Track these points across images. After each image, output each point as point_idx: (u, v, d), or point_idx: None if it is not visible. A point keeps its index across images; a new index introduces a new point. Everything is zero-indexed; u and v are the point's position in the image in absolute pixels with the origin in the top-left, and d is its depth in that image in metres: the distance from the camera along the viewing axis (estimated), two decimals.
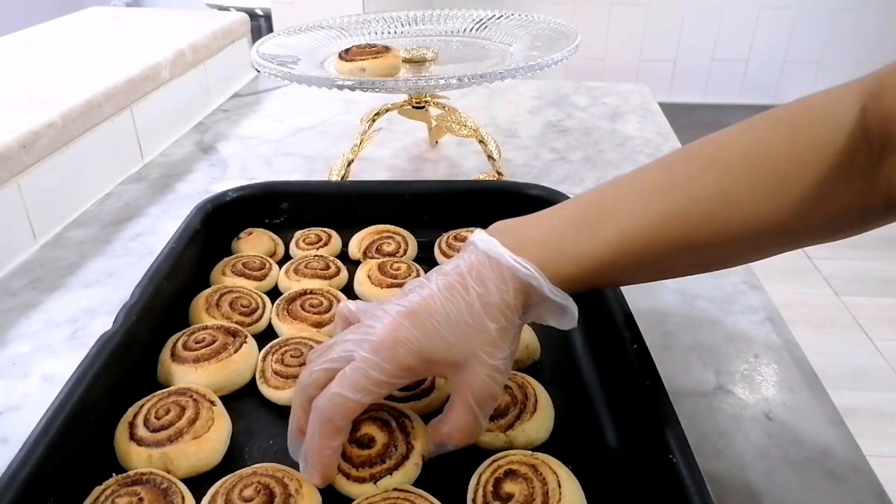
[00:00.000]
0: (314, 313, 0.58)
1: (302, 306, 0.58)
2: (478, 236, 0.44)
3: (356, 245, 0.69)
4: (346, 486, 0.43)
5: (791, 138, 0.41)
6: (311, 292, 0.60)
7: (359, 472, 0.43)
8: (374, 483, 0.43)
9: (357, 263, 0.67)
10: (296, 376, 0.50)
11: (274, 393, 0.51)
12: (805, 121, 0.41)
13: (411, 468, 0.43)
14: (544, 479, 0.41)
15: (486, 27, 0.93)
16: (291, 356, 0.52)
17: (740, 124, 0.44)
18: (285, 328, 0.57)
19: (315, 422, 0.40)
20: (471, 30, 0.94)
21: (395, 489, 0.42)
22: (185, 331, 0.55)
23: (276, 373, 0.51)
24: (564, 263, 0.43)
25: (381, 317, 0.41)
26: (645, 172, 0.46)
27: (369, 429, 0.45)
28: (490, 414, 0.43)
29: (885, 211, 0.40)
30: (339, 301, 0.60)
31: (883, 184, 0.38)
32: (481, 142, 0.88)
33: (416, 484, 0.43)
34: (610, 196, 0.45)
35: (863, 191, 0.39)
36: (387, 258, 0.66)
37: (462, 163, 0.97)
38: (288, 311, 0.58)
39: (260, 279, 0.64)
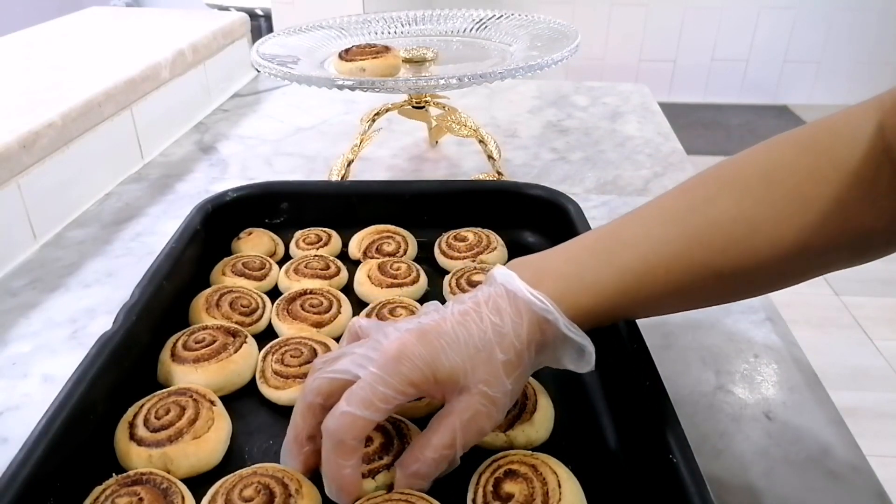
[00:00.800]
0: (314, 313, 0.58)
1: (302, 306, 0.58)
2: (497, 270, 0.44)
3: (356, 245, 0.69)
4: None
5: (810, 157, 0.40)
6: (311, 292, 0.60)
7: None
8: (373, 478, 0.43)
9: (357, 263, 0.67)
10: (296, 376, 0.51)
11: (274, 393, 0.51)
12: (824, 139, 0.41)
13: None
14: (544, 479, 0.41)
15: (486, 27, 0.93)
16: (291, 356, 0.52)
17: (758, 146, 0.43)
18: (285, 328, 0.57)
19: (328, 445, 0.40)
20: (471, 30, 0.94)
21: (397, 490, 0.42)
22: (185, 331, 0.55)
23: (276, 373, 0.51)
24: (583, 294, 0.42)
25: (390, 333, 0.41)
26: (663, 199, 0.45)
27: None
28: (469, 447, 0.42)
29: None
30: (339, 301, 0.60)
31: None
32: (481, 142, 0.88)
33: None
34: (628, 224, 0.45)
35: (889, 209, 0.38)
36: (387, 258, 0.66)
37: (462, 163, 0.97)
38: (288, 311, 0.58)
39: (260, 279, 0.64)
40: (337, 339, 0.57)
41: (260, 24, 2.19)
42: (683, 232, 0.42)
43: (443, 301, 0.61)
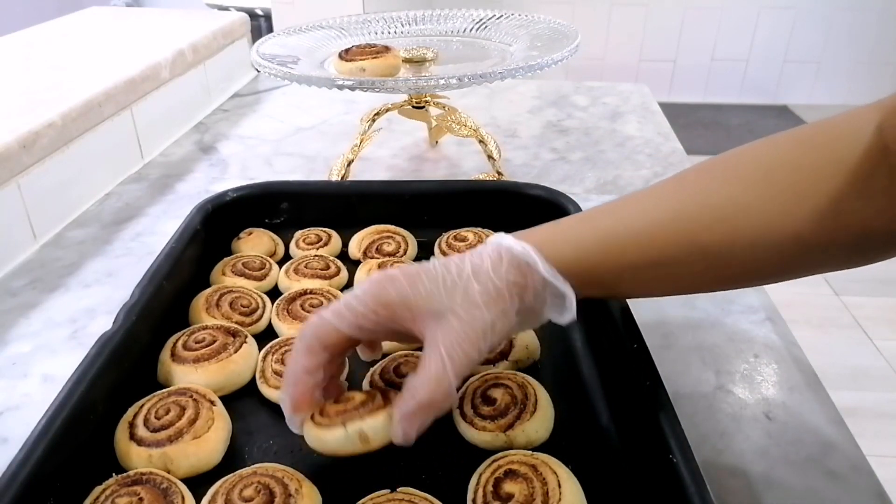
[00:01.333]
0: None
1: (302, 306, 0.58)
2: (491, 236, 0.45)
3: (356, 245, 0.69)
4: (316, 432, 0.42)
5: (807, 153, 0.41)
6: (311, 292, 0.60)
7: (332, 420, 0.42)
8: (344, 426, 0.41)
9: (357, 263, 0.67)
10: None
11: (274, 393, 0.51)
12: (823, 137, 0.41)
13: (383, 417, 0.41)
14: (544, 479, 0.41)
15: (486, 27, 0.93)
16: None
17: (757, 141, 0.44)
18: (285, 328, 0.57)
19: (296, 346, 0.43)
20: (471, 30, 0.94)
21: (399, 489, 0.42)
22: (185, 331, 0.55)
23: (275, 373, 0.51)
24: (566, 248, 0.43)
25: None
26: (658, 184, 0.46)
27: (353, 392, 0.44)
28: (463, 375, 0.41)
29: None
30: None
31: None
32: (481, 142, 0.88)
33: (417, 485, 0.43)
34: (620, 201, 0.46)
35: (884, 208, 0.38)
36: (387, 258, 0.66)
37: (462, 163, 0.97)
38: (288, 311, 0.58)
39: (260, 279, 0.64)
40: None
41: (260, 24, 2.19)
42: (671, 206, 0.43)
43: None
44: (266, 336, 0.58)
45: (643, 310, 0.61)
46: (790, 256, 0.42)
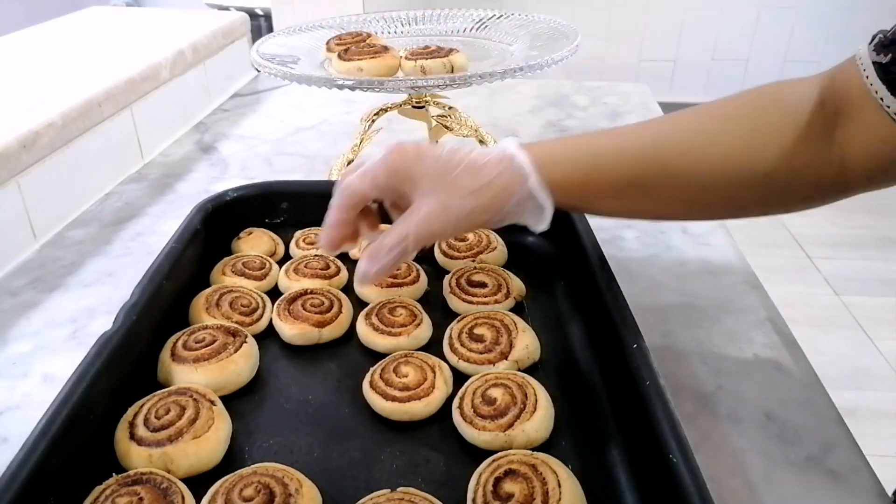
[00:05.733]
0: (315, 312, 0.58)
1: (303, 306, 0.58)
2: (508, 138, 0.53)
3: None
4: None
5: (765, 102, 0.51)
6: (311, 292, 0.60)
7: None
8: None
9: (357, 263, 0.67)
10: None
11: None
12: (777, 92, 0.51)
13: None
14: (544, 478, 0.41)
15: (486, 27, 0.93)
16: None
17: (723, 97, 0.52)
18: (287, 328, 0.57)
19: (335, 197, 0.53)
20: (471, 30, 0.94)
21: (399, 489, 0.42)
22: (185, 330, 0.55)
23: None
24: (562, 161, 0.51)
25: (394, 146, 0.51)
26: (648, 119, 0.55)
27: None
28: (423, 243, 0.50)
29: (840, 173, 0.48)
30: (339, 300, 0.60)
31: (836, 149, 0.47)
32: (481, 142, 0.88)
33: (417, 485, 0.43)
34: (614, 129, 0.55)
35: (820, 151, 0.48)
36: None
37: None
38: (289, 311, 0.58)
39: (260, 279, 0.64)
40: (339, 337, 0.58)
41: (260, 24, 2.19)
42: (652, 134, 0.52)
43: (443, 303, 0.61)
44: (266, 336, 0.58)
45: (643, 309, 0.61)
46: (753, 189, 0.50)
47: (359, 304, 0.62)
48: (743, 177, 0.49)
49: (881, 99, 0.44)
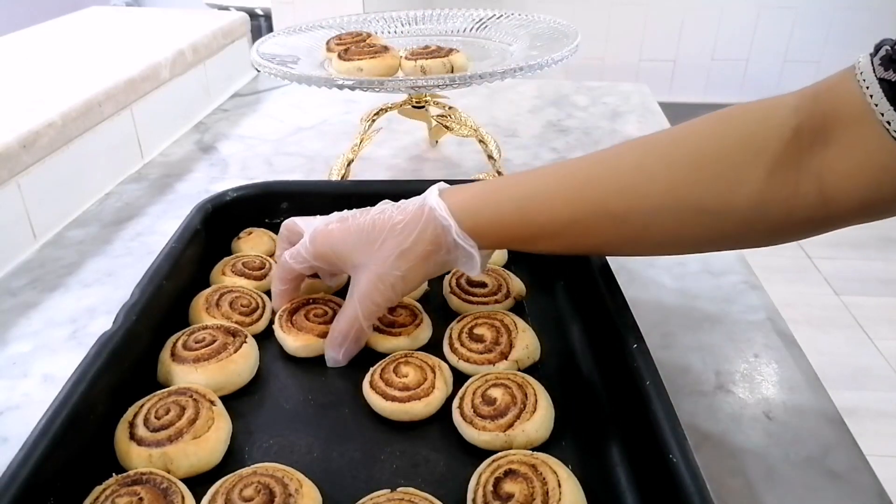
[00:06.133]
0: (319, 323, 0.57)
1: (306, 316, 0.57)
2: (433, 186, 0.52)
3: None
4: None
5: (719, 126, 0.46)
6: (313, 301, 0.59)
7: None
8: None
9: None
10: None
11: (287, 339, 0.55)
12: (738, 115, 0.46)
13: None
14: (544, 478, 0.41)
15: (486, 27, 0.93)
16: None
17: (677, 126, 0.48)
18: (290, 340, 0.56)
19: (275, 272, 0.59)
20: (471, 29, 0.94)
21: (399, 489, 0.42)
22: (185, 330, 0.55)
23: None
24: (484, 210, 0.50)
25: (318, 226, 0.54)
26: (582, 156, 0.52)
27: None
28: (373, 318, 0.53)
29: (819, 206, 0.42)
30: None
31: (813, 179, 0.42)
32: (481, 141, 0.88)
33: (417, 485, 0.43)
34: (542, 168, 0.53)
35: (789, 183, 0.42)
36: None
37: (462, 163, 0.97)
38: (293, 323, 0.57)
39: (260, 279, 0.64)
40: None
41: (260, 24, 2.19)
42: (584, 173, 0.49)
43: (443, 303, 0.61)
44: (266, 336, 0.58)
45: (643, 309, 0.61)
46: (705, 227, 0.45)
47: None
48: (690, 214, 0.45)
49: (888, 122, 0.38)
